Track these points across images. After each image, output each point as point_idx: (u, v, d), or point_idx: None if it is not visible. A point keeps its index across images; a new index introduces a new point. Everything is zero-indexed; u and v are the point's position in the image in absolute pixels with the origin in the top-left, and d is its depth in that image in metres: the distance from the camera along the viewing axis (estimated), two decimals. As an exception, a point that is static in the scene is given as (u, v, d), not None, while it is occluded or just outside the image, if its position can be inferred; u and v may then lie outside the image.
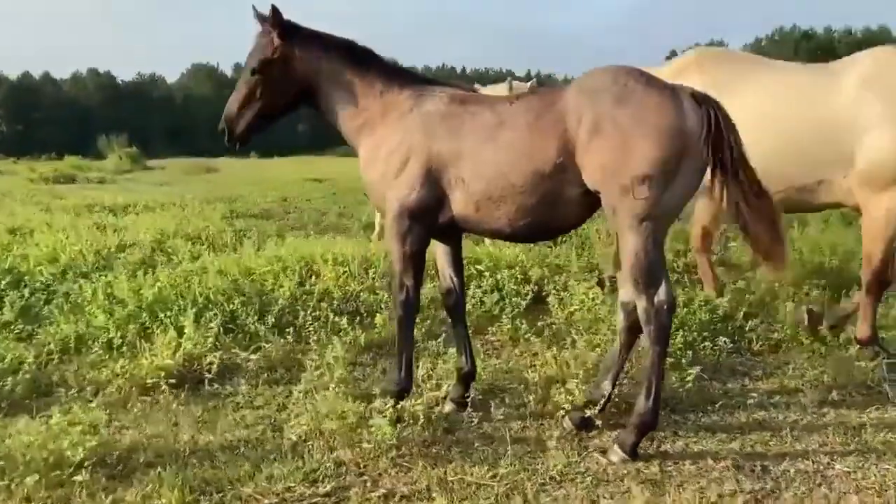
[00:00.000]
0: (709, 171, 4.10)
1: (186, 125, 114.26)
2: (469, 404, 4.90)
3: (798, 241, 8.87)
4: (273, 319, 6.09)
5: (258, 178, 24.73)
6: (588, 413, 4.54)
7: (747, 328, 6.16)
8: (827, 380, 5.37)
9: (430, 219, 4.53)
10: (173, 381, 5.14)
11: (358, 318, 6.30)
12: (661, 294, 4.10)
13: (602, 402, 4.60)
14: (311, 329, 6.08)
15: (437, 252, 4.88)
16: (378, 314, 6.16)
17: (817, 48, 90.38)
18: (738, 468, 4.14)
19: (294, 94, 4.75)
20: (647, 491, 3.88)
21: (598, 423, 4.51)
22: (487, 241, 7.96)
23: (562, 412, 4.70)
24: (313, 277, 7.00)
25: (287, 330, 6.03)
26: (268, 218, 12.71)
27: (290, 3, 4.75)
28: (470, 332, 5.14)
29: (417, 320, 5.15)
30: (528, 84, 9.31)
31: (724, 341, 5.77)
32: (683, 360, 5.41)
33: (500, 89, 8.43)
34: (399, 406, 4.40)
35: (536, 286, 7.07)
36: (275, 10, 4.43)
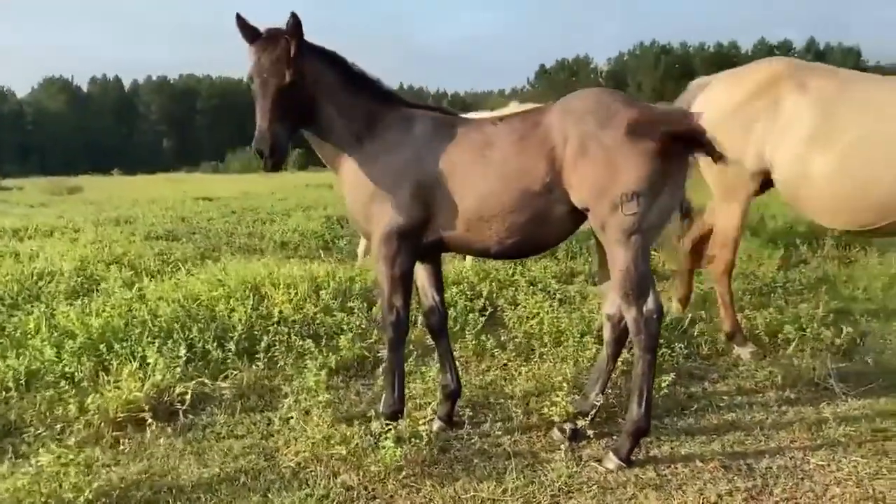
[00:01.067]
0: None
1: (38, 143, 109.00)
2: (456, 422, 4.96)
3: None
4: (234, 346, 5.94)
5: (141, 197, 23.78)
6: (579, 424, 4.67)
7: (695, 333, 6.47)
8: (777, 380, 5.68)
9: (418, 239, 4.56)
10: (144, 414, 4.97)
11: (322, 340, 6.23)
12: (650, 304, 4.28)
13: (592, 412, 4.74)
14: (277, 354, 5.97)
15: (419, 272, 4.91)
16: (342, 336, 6.11)
17: (675, 62, 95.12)
18: (726, 468, 4.37)
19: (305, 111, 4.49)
20: (652, 495, 4.06)
21: (590, 433, 4.63)
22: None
23: (553, 424, 4.80)
24: (265, 301, 6.86)
25: (255, 356, 5.90)
26: (174, 240, 12.27)
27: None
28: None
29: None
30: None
31: (680, 347, 6.04)
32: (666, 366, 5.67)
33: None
34: (398, 427, 4.41)
35: (487, 301, 7.18)
36: (297, 19, 4.24)
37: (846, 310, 7.50)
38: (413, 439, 4.38)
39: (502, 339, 6.35)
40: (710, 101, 5.84)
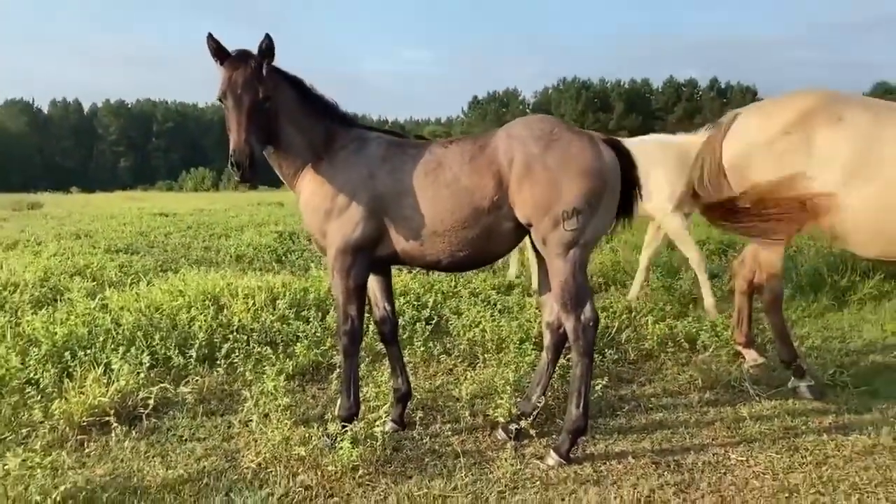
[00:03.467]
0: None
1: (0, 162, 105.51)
2: (407, 423, 4.88)
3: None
4: (195, 353, 5.75)
5: (100, 213, 23.10)
6: (522, 424, 4.63)
7: (623, 340, 6.51)
8: (697, 383, 5.74)
9: (372, 253, 4.49)
10: (108, 418, 4.77)
11: (280, 347, 6.08)
12: (587, 312, 4.30)
13: (534, 413, 4.71)
14: (236, 361, 5.79)
15: (371, 283, 4.82)
16: (297, 343, 5.97)
17: (594, 96, 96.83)
18: (656, 465, 4.38)
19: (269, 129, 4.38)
20: (591, 490, 4.03)
21: (533, 433, 4.59)
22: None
23: (497, 424, 4.76)
24: (224, 311, 6.67)
25: (215, 362, 5.72)
26: (133, 253, 11.90)
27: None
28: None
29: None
30: None
31: (610, 353, 6.06)
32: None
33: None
34: (354, 429, 4.32)
35: (433, 310, 7.12)
36: (270, 39, 4.16)
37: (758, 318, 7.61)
38: (368, 440, 4.29)
39: (448, 346, 6.31)
40: (743, 133, 5.48)
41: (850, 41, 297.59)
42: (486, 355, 5.95)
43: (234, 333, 6.20)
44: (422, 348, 6.13)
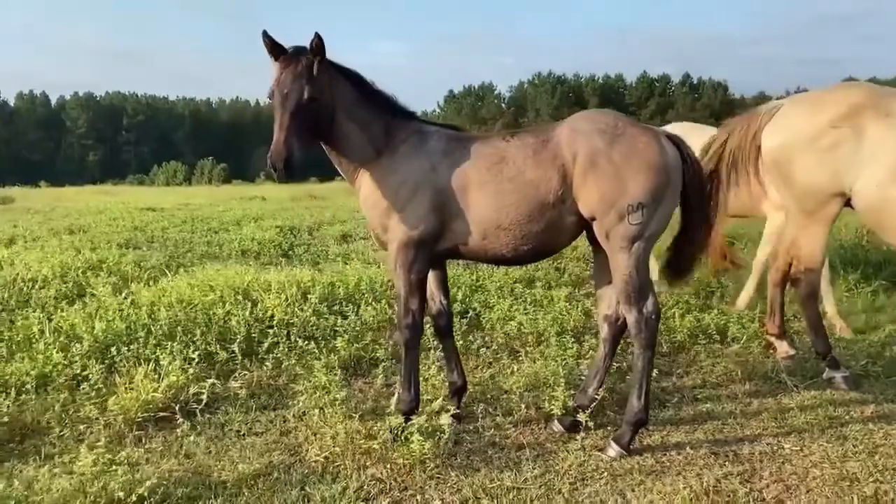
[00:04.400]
0: None
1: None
2: (463, 416, 4.91)
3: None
4: (237, 348, 5.72)
5: (82, 207, 22.73)
6: (580, 417, 4.67)
7: (655, 332, 6.57)
8: (734, 374, 5.82)
9: (434, 248, 4.51)
10: (163, 414, 4.75)
11: (320, 342, 6.07)
12: (650, 306, 4.35)
13: (592, 405, 4.75)
14: (280, 355, 5.78)
15: (428, 278, 4.83)
16: (339, 338, 5.97)
17: (569, 91, 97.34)
18: (715, 455, 4.44)
19: (325, 126, 4.37)
20: (658, 481, 4.09)
21: (591, 424, 4.63)
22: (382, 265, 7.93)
23: (551, 416, 4.80)
24: (258, 305, 6.63)
25: (258, 357, 5.71)
26: (135, 248, 11.76)
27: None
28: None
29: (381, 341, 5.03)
30: None
31: (647, 346, 6.11)
32: (625, 364, 5.71)
33: None
34: (420, 422, 4.32)
35: (463, 304, 7.14)
36: (319, 37, 4.14)
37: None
38: (437, 433, 4.30)
39: (486, 339, 6.33)
40: (788, 126, 5.53)
41: (818, 37, 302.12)
42: (526, 348, 5.99)
43: (274, 328, 6.18)
44: (460, 342, 6.13)
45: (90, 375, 5.03)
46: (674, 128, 8.08)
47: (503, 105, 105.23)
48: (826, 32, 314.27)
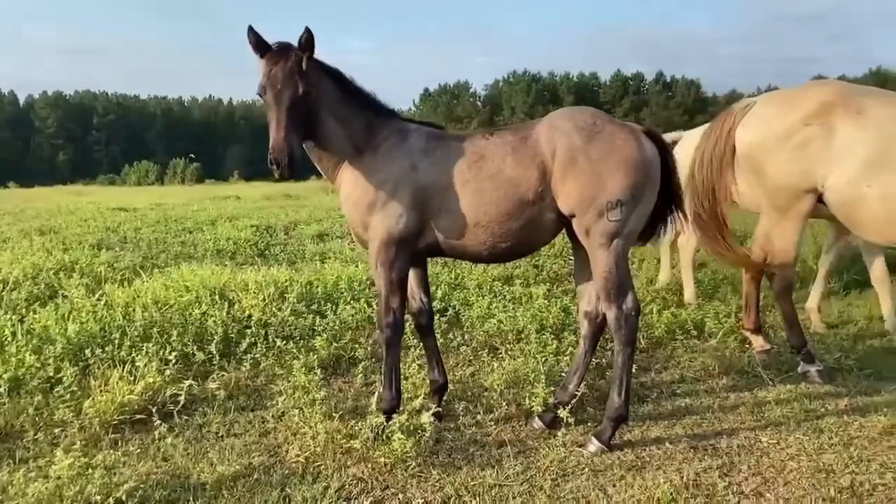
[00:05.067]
0: None
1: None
2: (444, 414, 4.90)
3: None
4: (214, 348, 5.67)
5: (52, 208, 22.28)
6: (561, 413, 4.68)
7: (633, 329, 6.60)
8: (711, 369, 5.88)
9: (414, 245, 4.49)
10: (139, 416, 4.70)
11: (299, 341, 6.03)
12: (629, 302, 4.37)
13: (572, 401, 4.76)
14: (257, 355, 5.74)
15: (409, 276, 4.82)
16: (317, 337, 5.93)
17: (544, 89, 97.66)
18: (694, 449, 4.48)
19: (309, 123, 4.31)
20: (639, 476, 4.11)
21: (571, 421, 4.64)
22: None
23: (531, 413, 4.81)
24: (235, 305, 6.57)
25: (235, 357, 5.66)
26: (108, 249, 11.56)
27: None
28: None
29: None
30: None
31: (625, 342, 6.14)
32: (604, 361, 5.74)
33: None
34: (401, 421, 4.31)
35: (442, 302, 7.13)
36: (310, 32, 4.10)
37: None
38: (418, 431, 4.29)
39: (466, 337, 6.33)
40: (760, 123, 5.61)
41: (789, 36, 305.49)
42: (506, 346, 5.99)
43: (251, 328, 6.12)
44: (440, 340, 6.12)
45: (64, 378, 4.94)
46: (687, 135, 8.24)
47: (479, 103, 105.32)
48: (794, 32, 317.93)
